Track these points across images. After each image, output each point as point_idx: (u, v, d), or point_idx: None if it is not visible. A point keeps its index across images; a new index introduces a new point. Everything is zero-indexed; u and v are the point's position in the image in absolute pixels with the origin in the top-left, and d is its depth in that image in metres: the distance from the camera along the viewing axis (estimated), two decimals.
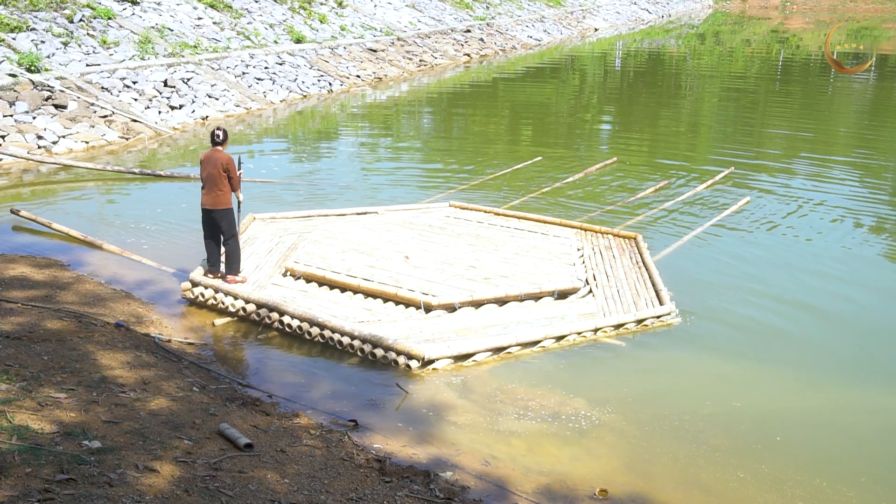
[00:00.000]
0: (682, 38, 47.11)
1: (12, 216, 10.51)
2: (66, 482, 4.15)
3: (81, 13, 18.88)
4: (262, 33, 23.39)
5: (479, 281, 8.31)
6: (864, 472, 5.71)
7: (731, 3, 78.27)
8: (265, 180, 13.21)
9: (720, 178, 13.64)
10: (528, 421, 6.14)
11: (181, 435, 5.07)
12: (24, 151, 13.62)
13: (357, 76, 24.13)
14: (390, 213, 10.86)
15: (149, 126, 16.08)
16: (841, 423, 6.45)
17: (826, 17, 65.50)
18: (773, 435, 6.07)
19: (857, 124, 21.56)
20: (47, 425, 4.81)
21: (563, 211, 11.75)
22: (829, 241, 10.79)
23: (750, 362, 7.37)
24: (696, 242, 10.52)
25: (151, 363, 6.39)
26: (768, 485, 5.44)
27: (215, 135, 7.99)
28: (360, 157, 15.81)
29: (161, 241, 9.99)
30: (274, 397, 6.35)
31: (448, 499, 4.96)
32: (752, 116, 22.23)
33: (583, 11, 49.31)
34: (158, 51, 19.23)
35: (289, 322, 7.50)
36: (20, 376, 5.51)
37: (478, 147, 17.34)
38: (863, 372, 7.36)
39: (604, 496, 5.22)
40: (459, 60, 30.26)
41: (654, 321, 7.90)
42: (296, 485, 4.70)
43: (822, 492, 5.40)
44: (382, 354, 7.00)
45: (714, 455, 5.76)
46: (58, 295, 7.78)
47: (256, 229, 10.07)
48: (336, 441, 5.56)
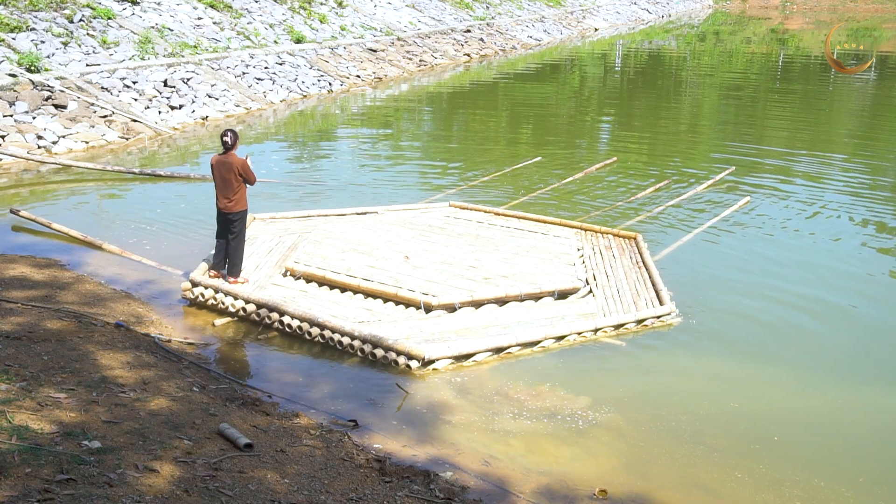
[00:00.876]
0: (682, 38, 47.12)
1: (12, 216, 10.51)
2: (65, 482, 4.15)
3: (81, 13, 18.88)
4: (262, 33, 23.40)
5: (479, 281, 8.31)
6: (863, 473, 5.71)
7: (731, 3, 78.28)
8: (265, 180, 13.21)
9: (720, 178, 13.64)
10: (528, 421, 6.14)
11: (181, 435, 5.07)
12: (23, 151, 13.62)
13: (357, 76, 24.13)
14: (390, 213, 10.86)
15: (149, 126, 16.08)
16: (840, 422, 6.45)
17: (826, 17, 65.51)
18: (772, 435, 6.07)
19: (857, 124, 21.56)
20: (47, 425, 4.81)
21: (563, 211, 11.75)
22: (828, 241, 10.79)
23: (750, 362, 7.37)
24: (696, 242, 10.53)
25: (151, 363, 6.39)
26: (767, 485, 5.44)
27: (225, 140, 7.94)
28: (360, 157, 15.81)
29: (161, 241, 9.99)
30: (274, 397, 6.35)
31: (448, 499, 4.96)
32: (753, 116, 22.23)
33: (583, 11, 49.31)
34: (158, 51, 19.23)
35: (289, 322, 7.50)
36: (20, 376, 5.51)
37: (478, 147, 17.34)
38: (863, 371, 7.37)
39: (603, 496, 5.22)
40: (459, 60, 30.27)
41: (654, 321, 7.91)
42: (296, 485, 4.70)
43: (821, 492, 5.40)
44: (383, 354, 7.00)
45: (713, 455, 5.77)
46: (58, 295, 7.78)
47: (256, 229, 10.07)
48: (336, 441, 5.56)
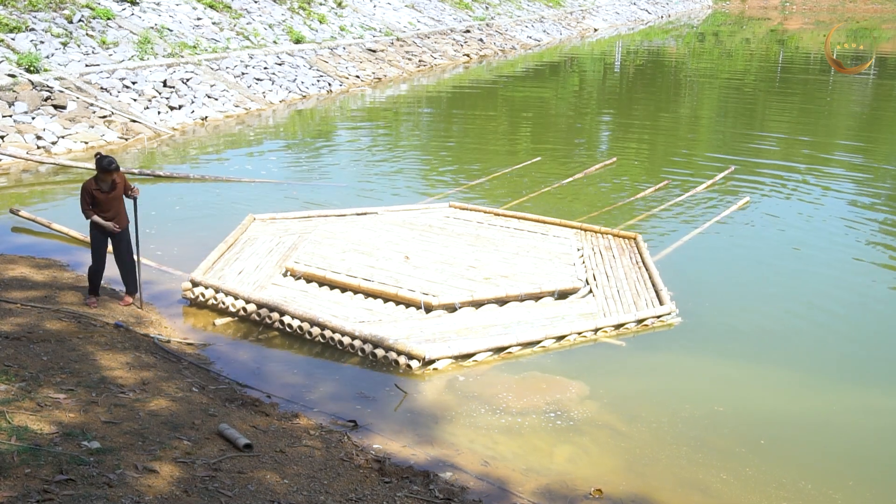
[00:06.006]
0: (682, 39, 47.12)
1: (12, 216, 10.50)
2: (65, 483, 4.14)
3: (81, 13, 18.87)
4: (261, 33, 23.39)
5: (480, 281, 8.31)
6: (862, 473, 5.70)
7: (731, 4, 78.31)
8: (265, 180, 13.22)
9: (720, 178, 13.64)
10: (528, 421, 6.13)
11: (181, 435, 5.06)
12: (23, 152, 13.61)
13: (356, 76, 24.12)
14: (390, 213, 10.85)
15: (148, 126, 16.07)
16: (840, 423, 6.43)
17: (825, 18, 65.54)
18: (772, 435, 6.05)
19: (856, 124, 21.55)
20: (47, 426, 4.80)
21: (563, 211, 11.74)
22: (828, 241, 10.78)
23: (750, 362, 7.35)
24: (696, 242, 10.52)
25: (151, 364, 6.38)
26: (767, 485, 5.42)
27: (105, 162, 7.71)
28: (360, 158, 15.80)
29: (160, 242, 9.97)
30: (273, 398, 6.33)
31: (447, 499, 4.95)
32: (752, 116, 22.22)
33: (582, 12, 49.32)
34: (158, 51, 19.22)
35: (289, 322, 7.49)
36: (20, 377, 5.50)
37: (478, 147, 17.33)
38: (863, 372, 7.34)
39: (598, 495, 5.22)
40: (459, 61, 30.26)
41: (654, 321, 7.90)
42: (295, 485, 4.69)
43: (822, 492, 5.38)
44: (383, 355, 6.99)
45: (714, 455, 5.75)
46: (57, 295, 7.77)
47: (256, 230, 10.06)
48: (336, 441, 5.55)
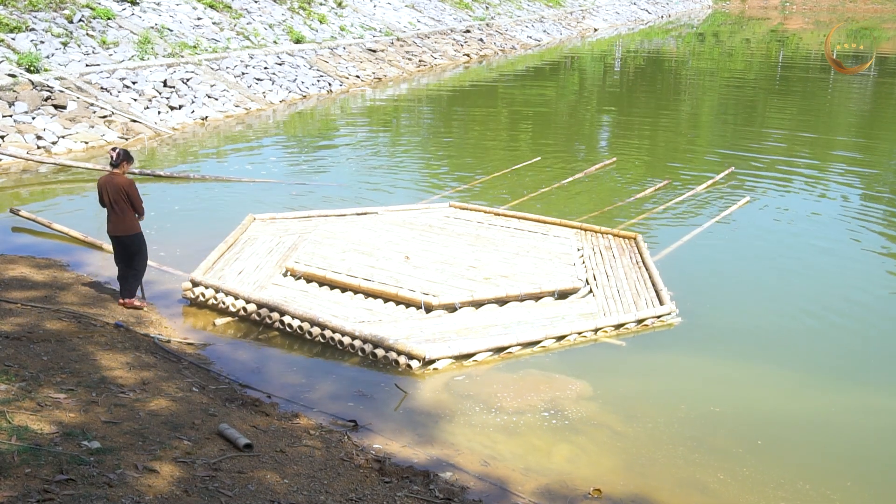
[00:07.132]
0: (682, 39, 47.11)
1: (12, 216, 10.50)
2: (65, 482, 4.14)
3: (81, 13, 18.87)
4: (261, 33, 23.39)
5: (480, 281, 8.31)
6: (860, 473, 5.70)
7: (731, 4, 78.30)
8: (265, 180, 13.21)
9: (720, 179, 13.64)
10: (528, 421, 6.13)
11: (181, 435, 5.06)
12: (23, 152, 13.61)
13: (356, 76, 24.12)
14: (390, 213, 10.85)
15: (148, 126, 16.07)
16: (839, 422, 6.42)
17: (825, 18, 65.53)
18: (773, 435, 6.06)
19: (856, 124, 21.55)
20: (47, 426, 4.80)
21: (564, 211, 11.74)
22: (828, 241, 10.78)
23: (749, 362, 7.35)
24: (697, 242, 10.51)
25: (151, 363, 6.39)
26: (766, 485, 5.42)
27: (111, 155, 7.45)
28: (360, 158, 15.80)
29: (161, 241, 9.96)
30: (274, 398, 6.34)
31: (447, 499, 4.95)
32: (752, 116, 22.22)
33: (582, 12, 49.31)
34: (158, 51, 19.22)
35: (289, 322, 7.49)
36: (20, 377, 5.51)
37: (478, 147, 17.33)
38: (863, 372, 7.34)
39: (598, 494, 5.22)
40: (459, 61, 30.26)
41: (654, 321, 7.90)
42: (295, 485, 4.70)
43: (821, 492, 5.38)
44: (383, 354, 6.99)
45: (713, 455, 5.75)
46: (58, 295, 7.77)
47: (256, 229, 10.06)
48: (336, 441, 5.55)
